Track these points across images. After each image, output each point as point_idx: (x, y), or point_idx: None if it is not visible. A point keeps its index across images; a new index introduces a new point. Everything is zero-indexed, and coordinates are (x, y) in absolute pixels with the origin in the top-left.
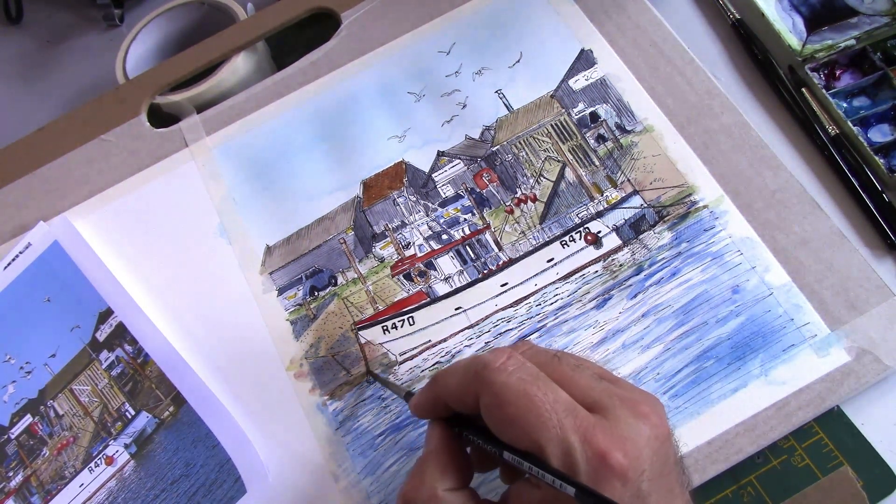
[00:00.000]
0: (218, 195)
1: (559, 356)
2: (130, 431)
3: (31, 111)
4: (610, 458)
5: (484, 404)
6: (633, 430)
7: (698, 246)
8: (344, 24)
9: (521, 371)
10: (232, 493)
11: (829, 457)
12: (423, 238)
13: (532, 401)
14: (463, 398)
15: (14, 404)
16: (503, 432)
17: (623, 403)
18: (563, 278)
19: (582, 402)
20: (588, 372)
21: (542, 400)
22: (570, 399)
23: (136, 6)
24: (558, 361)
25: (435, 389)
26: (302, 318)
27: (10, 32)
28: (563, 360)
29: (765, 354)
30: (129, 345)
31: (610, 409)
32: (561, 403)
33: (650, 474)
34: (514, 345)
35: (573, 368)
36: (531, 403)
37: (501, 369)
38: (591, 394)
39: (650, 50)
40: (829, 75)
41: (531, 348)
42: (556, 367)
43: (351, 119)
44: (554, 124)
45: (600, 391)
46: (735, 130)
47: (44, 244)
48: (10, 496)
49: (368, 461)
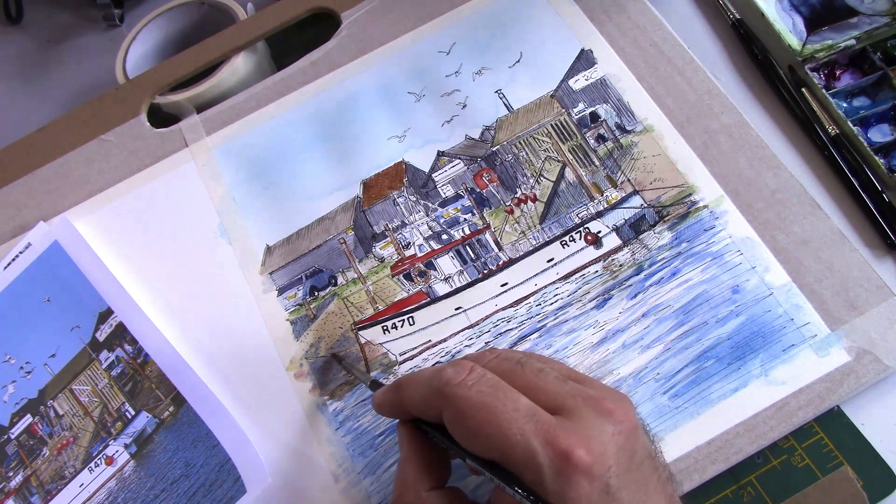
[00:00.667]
0: (218, 195)
1: (522, 362)
2: (130, 431)
3: (31, 111)
4: (573, 457)
5: (447, 419)
6: (596, 427)
7: (698, 246)
8: (344, 24)
9: (481, 384)
10: (232, 493)
11: (829, 457)
12: (423, 238)
13: (492, 412)
14: (426, 411)
15: (14, 404)
16: (468, 445)
17: (587, 402)
18: (563, 278)
19: (546, 406)
20: (552, 375)
21: (501, 410)
22: (531, 404)
23: (136, 6)
24: (521, 368)
25: (399, 395)
26: (302, 318)
27: (10, 32)
28: (526, 366)
29: (765, 354)
30: (129, 345)
31: (573, 409)
32: (521, 411)
33: (617, 469)
34: (479, 353)
35: (536, 373)
36: (491, 415)
37: (462, 384)
38: (555, 397)
39: (650, 50)
40: (829, 75)
41: (497, 356)
42: (519, 374)
43: (351, 119)
44: (554, 124)
45: (564, 393)
46: (735, 130)
47: (44, 244)
48: (11, 496)
49: (368, 461)
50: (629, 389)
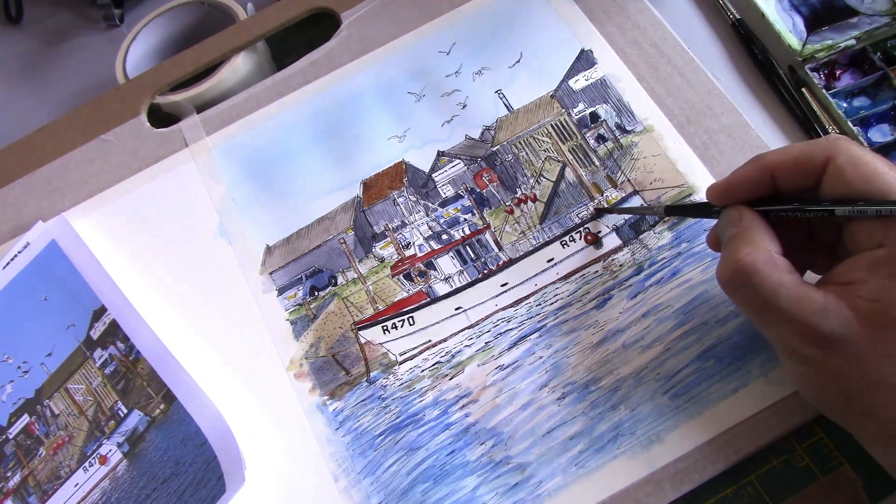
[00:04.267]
0: (218, 195)
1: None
2: (123, 430)
3: (31, 111)
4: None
5: (837, 165)
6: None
7: (698, 246)
8: (344, 24)
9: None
10: (215, 491)
11: (829, 457)
12: (423, 238)
13: (890, 164)
14: (804, 165)
15: (12, 404)
16: (855, 189)
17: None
18: (563, 278)
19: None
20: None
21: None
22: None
23: (136, 6)
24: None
25: (762, 163)
26: (302, 318)
27: (10, 32)
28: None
29: (765, 354)
30: (121, 342)
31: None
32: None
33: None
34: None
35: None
36: (889, 167)
37: (851, 142)
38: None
39: (650, 50)
40: (829, 75)
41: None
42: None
43: (351, 119)
44: (554, 124)
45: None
46: (735, 130)
47: (42, 243)
48: (9, 496)
49: (368, 461)
50: (629, 390)
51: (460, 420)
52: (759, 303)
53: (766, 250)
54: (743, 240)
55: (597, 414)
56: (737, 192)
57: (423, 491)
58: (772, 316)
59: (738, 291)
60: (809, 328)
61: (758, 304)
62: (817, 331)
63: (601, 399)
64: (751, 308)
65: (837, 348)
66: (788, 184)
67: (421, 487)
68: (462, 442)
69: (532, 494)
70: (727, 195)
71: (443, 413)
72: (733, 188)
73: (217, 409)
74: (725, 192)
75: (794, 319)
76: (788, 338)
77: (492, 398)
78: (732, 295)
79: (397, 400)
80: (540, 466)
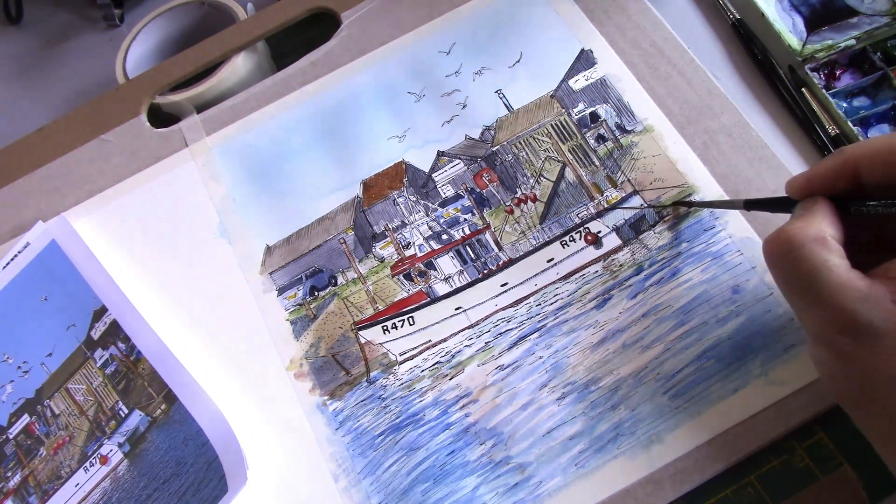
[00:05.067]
0: (218, 195)
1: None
2: (124, 430)
3: (31, 111)
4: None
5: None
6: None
7: (698, 246)
8: (344, 24)
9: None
10: (216, 492)
11: (830, 457)
12: (423, 238)
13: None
14: (888, 156)
15: (12, 404)
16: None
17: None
18: (563, 278)
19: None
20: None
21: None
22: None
23: (136, 6)
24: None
25: (844, 156)
26: (302, 318)
27: (10, 32)
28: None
29: (765, 354)
30: (122, 342)
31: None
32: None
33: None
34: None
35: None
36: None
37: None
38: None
39: (650, 50)
40: (829, 75)
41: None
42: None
43: (351, 119)
44: (554, 124)
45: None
46: (735, 130)
47: (42, 243)
48: (9, 496)
49: (368, 461)
50: (629, 389)
51: (460, 420)
52: (801, 279)
53: (820, 229)
54: (800, 217)
55: (597, 414)
56: (817, 186)
57: (423, 491)
58: (811, 296)
59: (781, 264)
60: (847, 315)
61: (798, 281)
62: (855, 319)
63: (601, 399)
64: (791, 285)
65: (871, 341)
66: (874, 178)
67: (421, 487)
68: (462, 442)
69: (532, 494)
70: (807, 189)
71: (443, 413)
72: (813, 182)
73: (218, 409)
74: (805, 185)
75: (833, 304)
76: (823, 323)
77: (492, 398)
78: (775, 267)
79: (397, 400)
80: (540, 466)
